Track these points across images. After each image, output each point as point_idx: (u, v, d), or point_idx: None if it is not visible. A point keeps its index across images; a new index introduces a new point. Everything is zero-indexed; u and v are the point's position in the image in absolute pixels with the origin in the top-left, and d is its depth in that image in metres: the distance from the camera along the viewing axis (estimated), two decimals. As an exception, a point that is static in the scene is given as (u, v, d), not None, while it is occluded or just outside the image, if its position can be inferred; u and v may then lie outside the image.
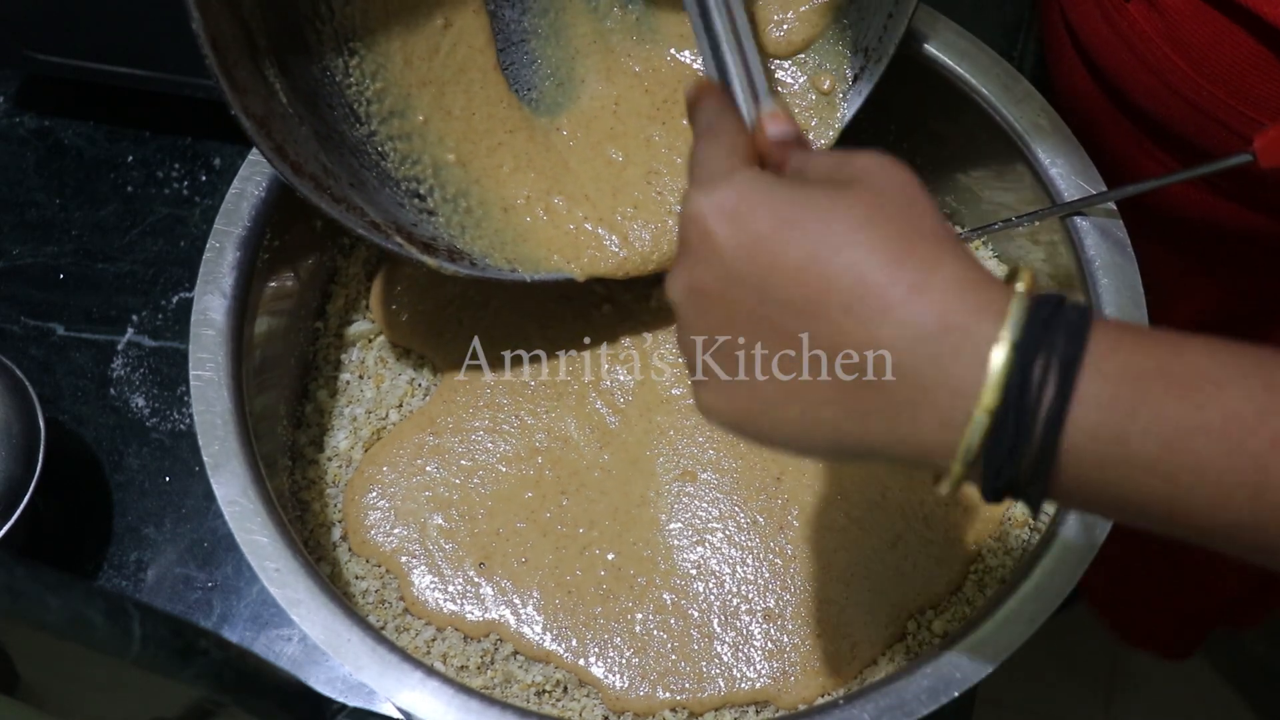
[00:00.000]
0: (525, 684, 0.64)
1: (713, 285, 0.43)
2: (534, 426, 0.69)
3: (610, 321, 0.72)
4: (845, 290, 0.40)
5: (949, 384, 0.39)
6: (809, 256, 0.41)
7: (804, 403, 0.42)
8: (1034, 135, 0.66)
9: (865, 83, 0.68)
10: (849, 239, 0.41)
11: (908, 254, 0.40)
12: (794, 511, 0.67)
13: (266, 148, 0.56)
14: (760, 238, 0.42)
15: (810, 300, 0.40)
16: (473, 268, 0.65)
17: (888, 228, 0.41)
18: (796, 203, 0.42)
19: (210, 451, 0.59)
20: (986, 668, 0.55)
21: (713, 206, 0.43)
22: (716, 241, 0.42)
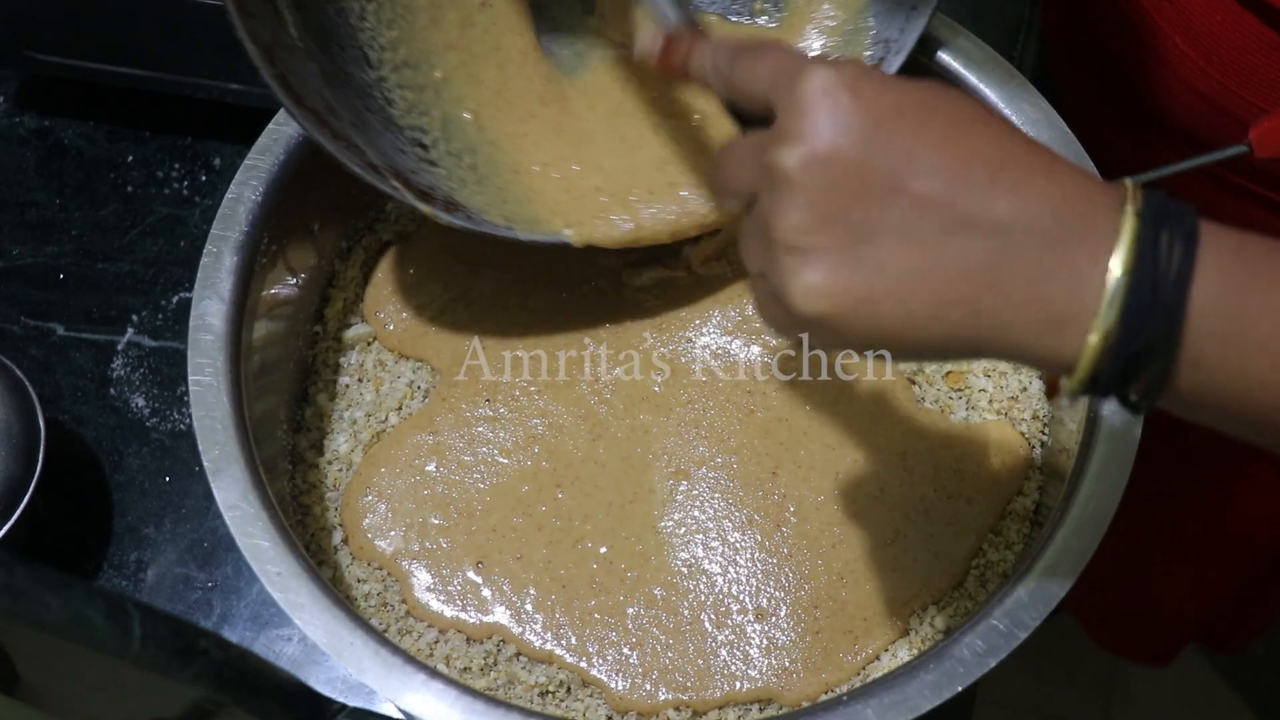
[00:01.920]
0: (528, 685, 0.64)
1: (848, 153, 0.41)
2: (532, 417, 0.69)
3: (610, 322, 0.72)
4: (991, 158, 0.40)
5: (1086, 248, 0.39)
6: (951, 128, 0.41)
7: (938, 278, 0.40)
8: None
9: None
10: (980, 120, 0.41)
11: (1029, 140, 0.42)
12: (791, 508, 0.67)
13: (269, 74, 0.55)
14: (901, 109, 0.41)
15: (956, 167, 0.40)
16: (468, 220, 0.64)
17: (1003, 121, 0.42)
18: (921, 89, 0.42)
19: (211, 456, 0.59)
20: (990, 662, 0.55)
21: (844, 78, 0.41)
22: (851, 107, 0.41)
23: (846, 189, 0.41)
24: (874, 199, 0.40)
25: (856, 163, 0.41)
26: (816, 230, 0.41)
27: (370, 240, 0.75)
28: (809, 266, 0.41)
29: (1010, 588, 0.56)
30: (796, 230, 0.41)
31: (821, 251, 0.41)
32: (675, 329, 0.72)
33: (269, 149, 0.66)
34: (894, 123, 0.41)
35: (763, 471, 0.68)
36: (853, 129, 0.41)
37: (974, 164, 0.40)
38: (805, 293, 0.41)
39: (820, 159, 0.41)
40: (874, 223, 0.40)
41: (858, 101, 0.41)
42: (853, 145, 0.41)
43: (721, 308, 0.72)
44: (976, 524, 0.66)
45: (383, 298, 0.73)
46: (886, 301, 0.40)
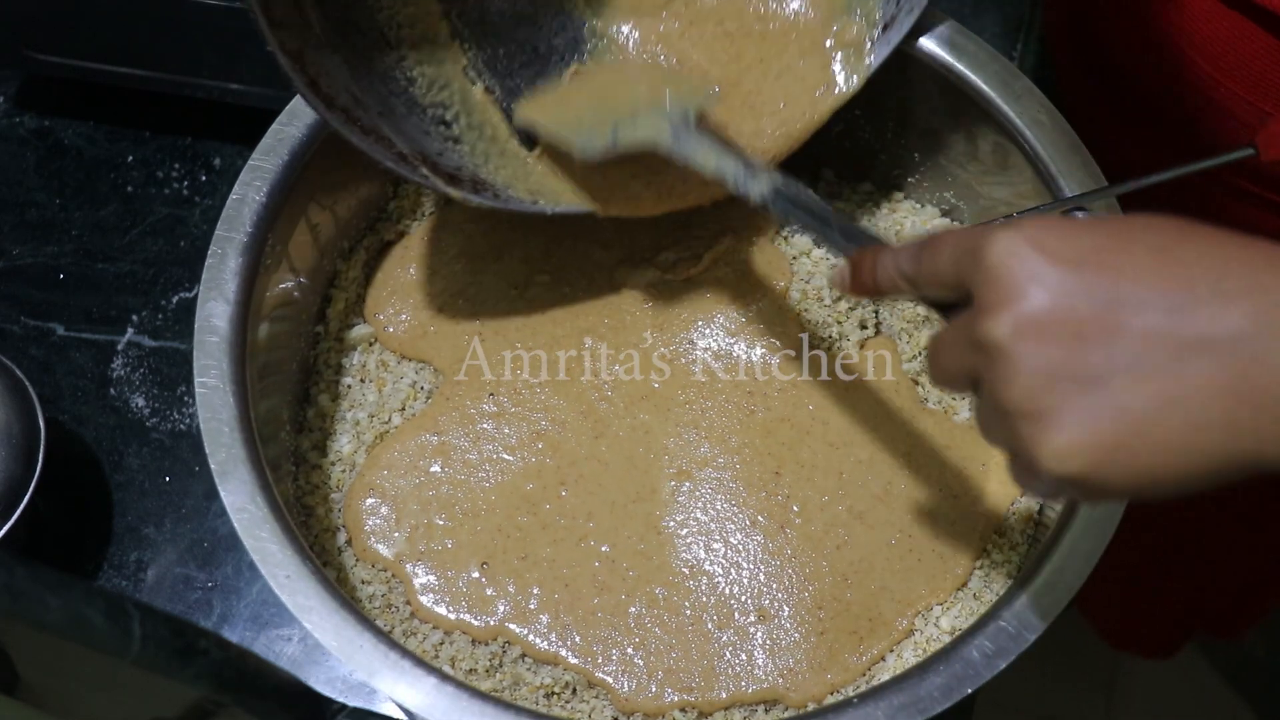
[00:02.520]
0: (534, 686, 0.64)
1: (1053, 307, 0.40)
2: (535, 412, 0.69)
3: (611, 321, 0.72)
4: (1207, 270, 0.39)
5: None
6: (1157, 252, 0.39)
7: (1185, 406, 0.38)
8: (1034, 131, 0.66)
9: (895, 32, 0.67)
10: (1186, 234, 0.40)
11: (1252, 243, 0.39)
12: (795, 508, 0.67)
13: (301, 82, 0.56)
14: (1097, 247, 0.40)
15: (1171, 292, 0.39)
16: (495, 199, 0.65)
17: (1210, 229, 0.40)
18: (1111, 223, 0.41)
19: (217, 459, 0.59)
20: (1000, 664, 0.55)
21: (1026, 237, 0.41)
22: (1045, 263, 0.40)
23: (1064, 342, 0.40)
24: (1095, 344, 0.39)
25: (1066, 313, 0.40)
26: (1046, 391, 0.40)
27: (372, 240, 0.75)
28: (1050, 429, 0.40)
29: (1019, 589, 0.56)
30: (1026, 397, 0.41)
31: (1057, 411, 0.40)
32: (676, 329, 0.72)
33: (273, 150, 0.66)
34: (1093, 262, 0.40)
35: (766, 472, 0.68)
36: (1051, 280, 0.40)
37: (1192, 281, 0.39)
38: (1054, 457, 0.40)
39: (1028, 319, 0.40)
40: (1102, 368, 0.39)
41: (1046, 253, 0.40)
42: (1056, 296, 0.40)
43: (724, 309, 0.72)
44: (981, 525, 0.66)
45: (383, 298, 0.73)
46: (1137, 442, 0.39)
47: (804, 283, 0.72)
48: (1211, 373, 0.38)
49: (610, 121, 0.63)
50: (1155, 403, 0.39)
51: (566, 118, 0.66)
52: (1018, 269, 0.41)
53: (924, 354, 0.71)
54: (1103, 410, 0.39)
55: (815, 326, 0.71)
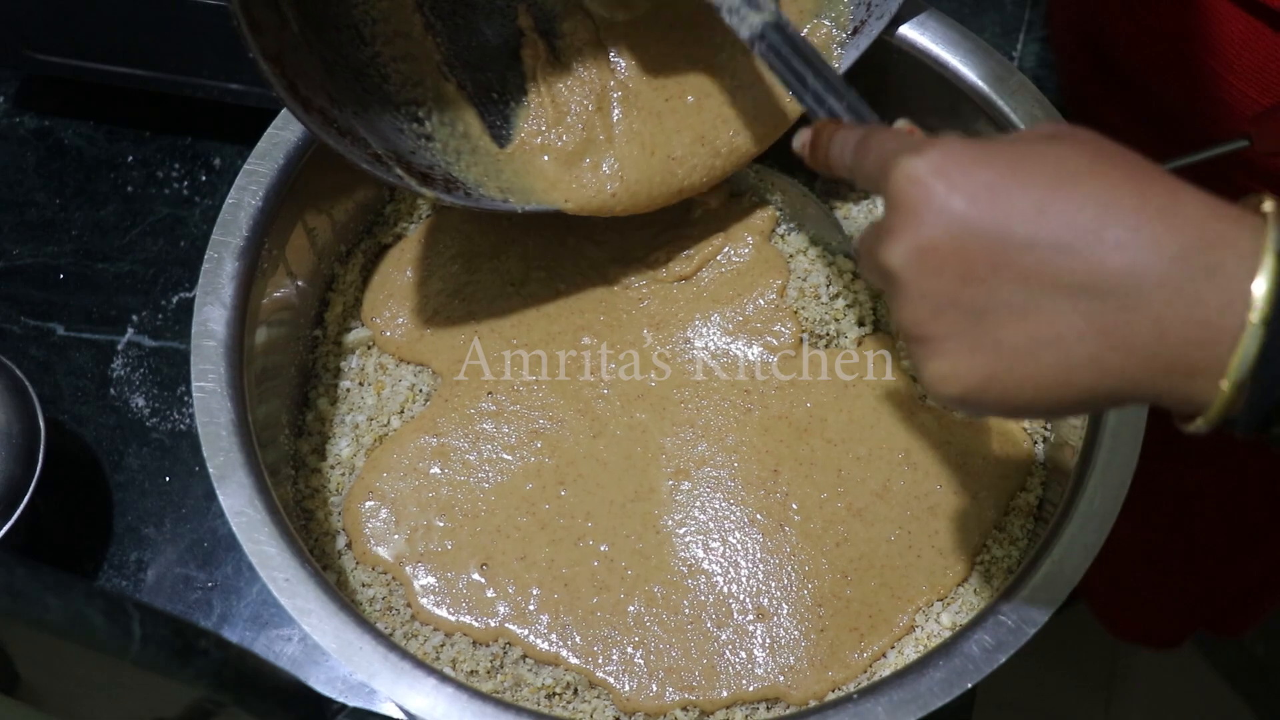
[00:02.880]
0: (535, 687, 0.64)
1: (944, 240, 0.41)
2: (533, 410, 0.69)
3: (609, 321, 0.72)
4: (1092, 218, 0.39)
5: (1215, 298, 0.38)
6: (1047, 191, 0.40)
7: (1057, 347, 0.40)
8: (1029, 126, 0.66)
9: (864, 37, 0.68)
10: (1084, 172, 0.40)
11: (1146, 183, 0.40)
12: (794, 506, 0.67)
13: (280, 86, 0.57)
14: (990, 184, 0.41)
15: (1056, 236, 0.40)
16: (467, 198, 0.65)
17: (1113, 164, 0.41)
18: (1012, 153, 0.41)
19: (215, 463, 0.59)
20: (1000, 658, 0.55)
21: (929, 165, 0.42)
22: (942, 196, 0.41)
23: (951, 275, 0.41)
24: (979, 280, 0.41)
25: (955, 248, 0.41)
26: (931, 320, 0.42)
27: (369, 244, 0.75)
28: (933, 356, 0.43)
29: (1018, 583, 0.56)
30: (914, 324, 0.43)
31: (939, 339, 0.42)
32: (675, 328, 0.72)
33: (268, 154, 0.66)
34: (987, 200, 0.41)
35: (764, 470, 0.68)
36: (944, 214, 0.41)
37: (1076, 225, 0.40)
38: (936, 380, 0.43)
39: (920, 251, 0.42)
40: (983, 303, 0.41)
41: (947, 185, 0.41)
42: (948, 231, 0.41)
43: (722, 308, 0.72)
44: (980, 520, 0.66)
45: (380, 301, 0.73)
46: (1011, 376, 0.41)
47: (801, 281, 0.72)
48: (1084, 316, 0.40)
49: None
50: (1029, 340, 0.40)
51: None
52: (917, 198, 0.42)
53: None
54: (980, 343, 0.41)
55: (813, 325, 0.72)
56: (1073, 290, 0.40)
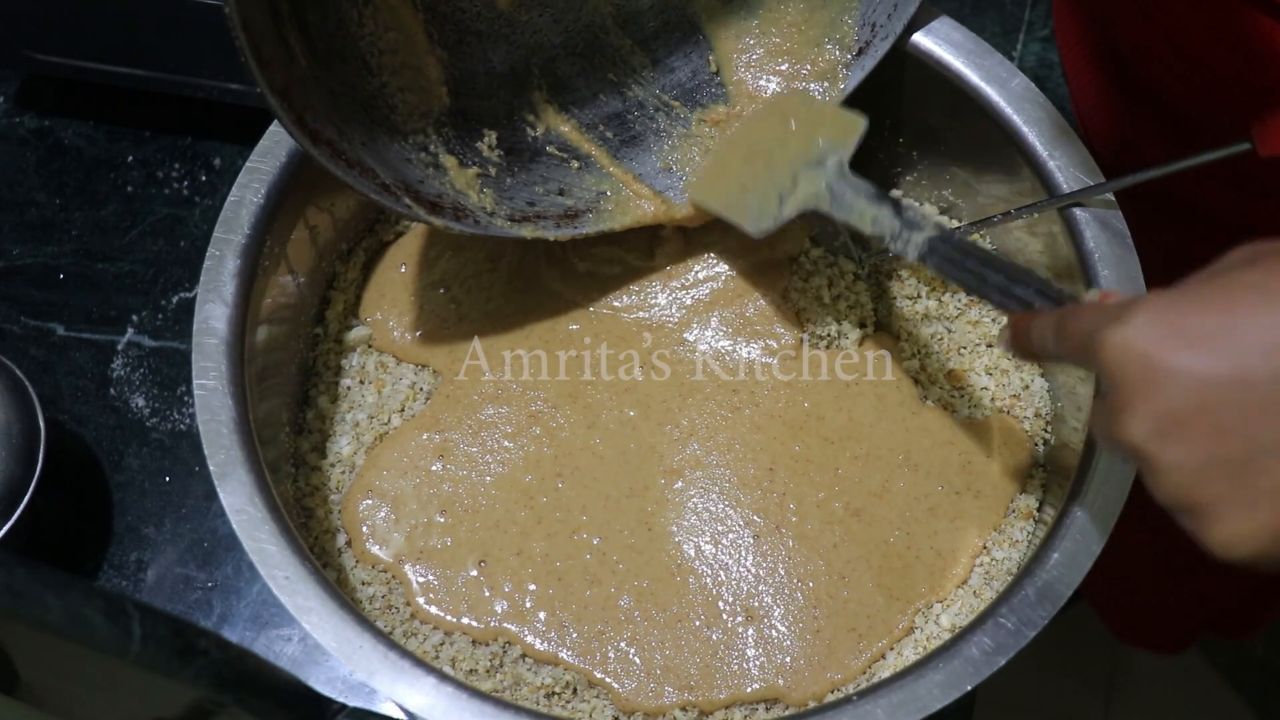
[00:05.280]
0: (535, 686, 0.64)
1: (1184, 402, 0.39)
2: (533, 403, 0.70)
3: (610, 321, 0.72)
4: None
5: None
6: (1269, 310, 0.39)
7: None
8: (1032, 128, 0.66)
9: (869, 58, 0.68)
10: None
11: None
12: (791, 506, 0.67)
13: (288, 120, 0.57)
14: (1210, 332, 0.39)
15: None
16: (476, 226, 0.65)
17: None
18: (1219, 291, 0.40)
19: (216, 461, 0.59)
20: (1000, 661, 0.55)
21: (1138, 330, 0.40)
22: (1165, 358, 0.40)
23: (1202, 437, 0.40)
24: (1233, 432, 0.39)
25: (1196, 407, 0.39)
26: (1195, 488, 0.40)
27: (370, 241, 0.75)
28: (1211, 523, 0.40)
29: (1018, 585, 0.56)
30: (1179, 496, 0.41)
31: (1211, 504, 0.40)
32: (675, 329, 0.72)
33: (270, 151, 0.66)
34: (1213, 348, 0.39)
35: (760, 469, 0.68)
36: (1173, 378, 0.40)
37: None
38: (1224, 547, 0.41)
39: (1160, 421, 0.40)
40: (1244, 453, 0.39)
41: (1166, 348, 0.40)
42: (1184, 393, 0.40)
43: (723, 308, 0.72)
44: (980, 522, 0.66)
45: (381, 299, 0.73)
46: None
47: (803, 281, 0.72)
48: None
49: (776, 196, 0.63)
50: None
51: (732, 195, 0.67)
52: (1137, 370, 0.40)
53: (922, 351, 0.71)
54: (1256, 496, 0.39)
55: (814, 325, 0.72)
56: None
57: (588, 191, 0.70)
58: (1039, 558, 0.57)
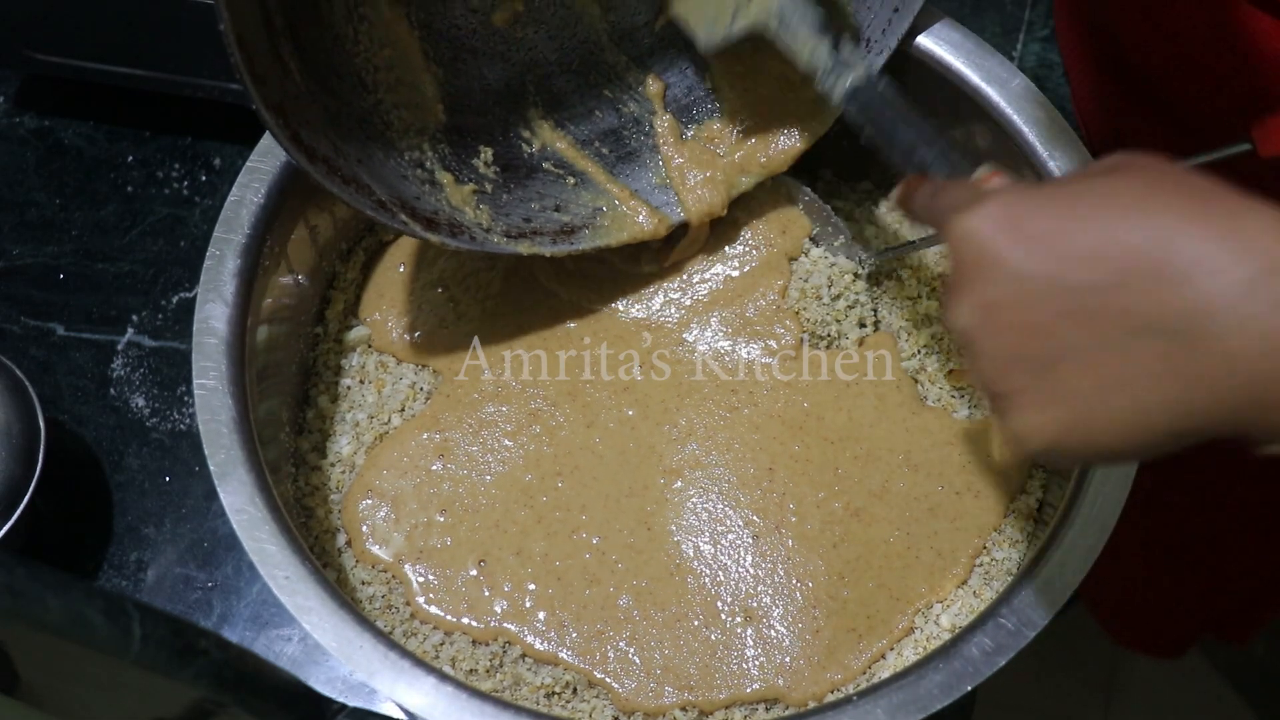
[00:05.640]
0: (534, 686, 0.64)
1: (1005, 295, 0.41)
2: (533, 400, 0.70)
3: (609, 321, 0.72)
4: (1152, 255, 0.39)
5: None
6: (1102, 234, 0.39)
7: (1133, 389, 0.39)
8: (1031, 128, 0.66)
9: None
10: (1138, 208, 0.40)
11: (1205, 209, 0.39)
12: (790, 506, 0.67)
13: (284, 137, 0.57)
14: (1044, 233, 0.41)
15: (1116, 277, 0.39)
16: (472, 242, 0.65)
17: (1173, 191, 0.40)
18: (1068, 194, 0.41)
19: (216, 460, 0.59)
20: (1000, 661, 0.55)
21: (982, 220, 0.42)
22: (998, 251, 0.41)
23: (1017, 328, 0.41)
24: (1045, 330, 0.41)
25: (1017, 301, 0.41)
26: (1004, 376, 0.42)
27: (370, 241, 0.75)
28: (1012, 410, 0.42)
29: (1018, 586, 0.56)
30: (990, 380, 0.43)
31: (1016, 394, 0.42)
32: (675, 329, 0.72)
33: (271, 151, 0.66)
34: (1043, 248, 0.40)
35: (759, 469, 0.68)
36: (1003, 269, 0.41)
37: (1136, 263, 0.39)
38: (1020, 434, 0.42)
39: (985, 308, 0.42)
40: (1052, 353, 0.41)
41: (1004, 239, 0.41)
42: (1009, 285, 0.41)
43: (722, 308, 0.72)
44: (980, 522, 0.66)
45: (380, 299, 0.73)
46: (1088, 424, 0.41)
47: (803, 281, 0.72)
48: (1156, 356, 0.39)
49: (730, 10, 0.64)
50: (1101, 386, 0.40)
51: (704, 9, 0.67)
52: (975, 254, 0.42)
53: (923, 351, 0.71)
54: (1054, 394, 0.41)
55: (814, 325, 0.72)
56: (1140, 330, 0.39)
57: (584, 208, 0.70)
58: (1039, 558, 0.57)
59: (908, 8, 0.66)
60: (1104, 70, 0.81)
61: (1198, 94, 0.71)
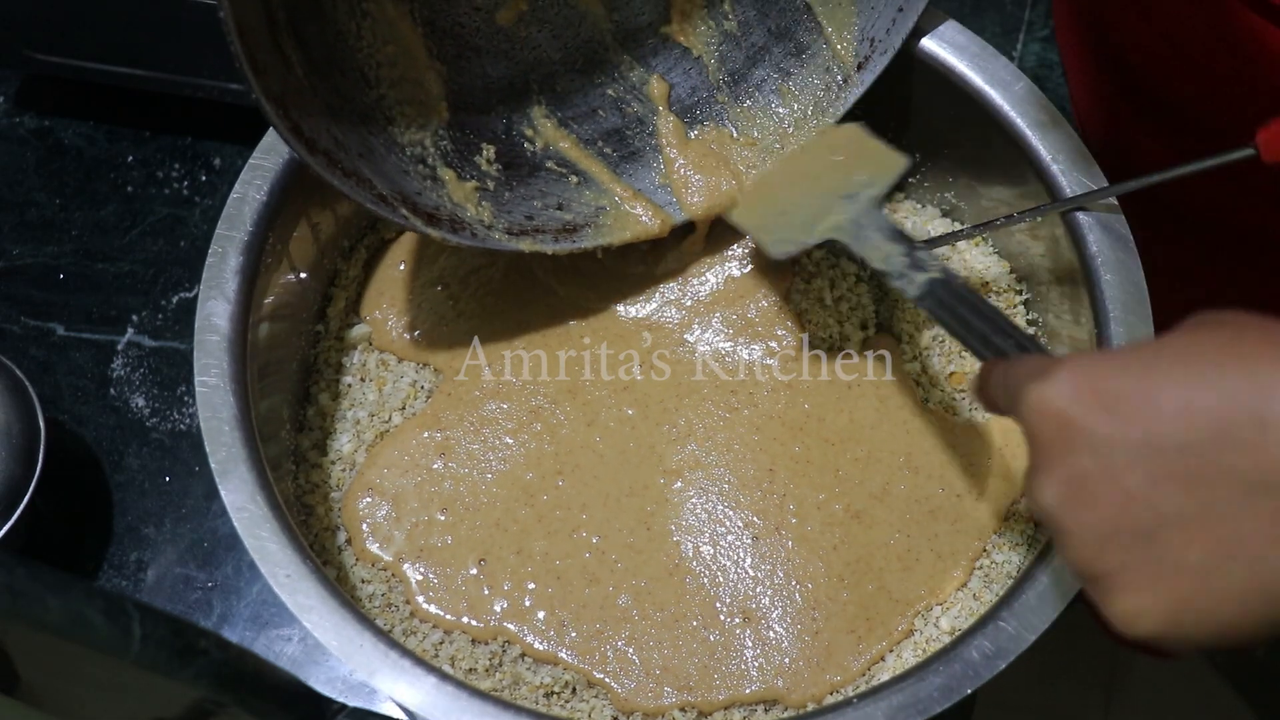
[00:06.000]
0: (534, 685, 0.64)
1: (1093, 467, 0.38)
2: (534, 398, 0.70)
3: (610, 321, 0.72)
4: (1250, 405, 0.36)
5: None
6: (1192, 388, 0.37)
7: (1249, 553, 0.36)
8: (1035, 131, 0.66)
9: (868, 72, 0.69)
10: (1228, 356, 0.37)
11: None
12: (791, 508, 0.67)
13: (284, 128, 0.57)
14: (1128, 393, 0.38)
15: (1214, 432, 0.36)
16: (473, 239, 0.65)
17: (1258, 341, 0.37)
18: (1147, 353, 0.39)
19: (218, 458, 0.59)
20: (1000, 664, 0.55)
21: (1057, 390, 0.39)
22: (1079, 418, 0.39)
23: (1109, 499, 0.38)
24: (1141, 498, 0.38)
25: (1105, 473, 0.38)
26: (1099, 556, 0.39)
27: (372, 239, 0.75)
28: (1113, 594, 0.39)
29: (1018, 589, 0.56)
30: (1084, 564, 0.40)
31: (1114, 574, 0.39)
32: (676, 329, 0.72)
33: (273, 148, 0.66)
34: (1125, 412, 0.38)
35: (759, 470, 0.68)
36: (1083, 441, 0.38)
37: (1235, 417, 0.36)
38: (1124, 621, 0.39)
39: (1069, 484, 0.39)
40: (1153, 521, 0.37)
41: (1080, 408, 0.39)
42: (1093, 457, 0.38)
43: (724, 309, 0.72)
44: (981, 524, 0.66)
45: (380, 297, 0.73)
46: (1202, 598, 0.37)
47: (804, 283, 0.72)
48: (1270, 514, 0.36)
49: (807, 223, 0.64)
50: (1213, 554, 0.37)
51: (768, 217, 0.67)
52: (1052, 429, 0.39)
53: (924, 353, 0.71)
54: (1159, 569, 0.38)
55: (816, 326, 0.72)
56: (1246, 488, 0.36)
57: (587, 206, 0.70)
58: (1039, 561, 0.57)
59: (912, 6, 0.66)
60: (1104, 71, 0.81)
61: (1198, 96, 0.71)
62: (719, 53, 0.72)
